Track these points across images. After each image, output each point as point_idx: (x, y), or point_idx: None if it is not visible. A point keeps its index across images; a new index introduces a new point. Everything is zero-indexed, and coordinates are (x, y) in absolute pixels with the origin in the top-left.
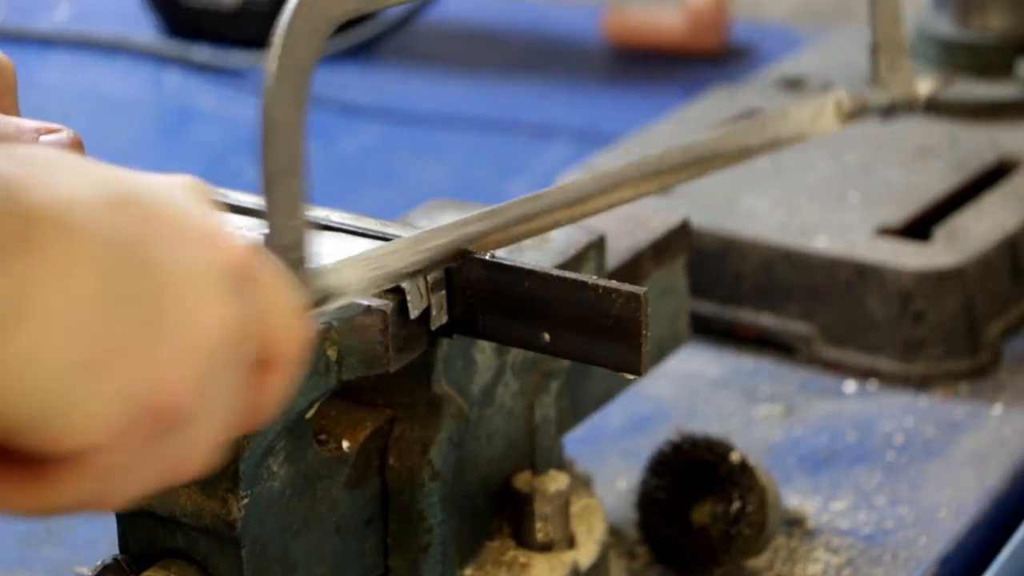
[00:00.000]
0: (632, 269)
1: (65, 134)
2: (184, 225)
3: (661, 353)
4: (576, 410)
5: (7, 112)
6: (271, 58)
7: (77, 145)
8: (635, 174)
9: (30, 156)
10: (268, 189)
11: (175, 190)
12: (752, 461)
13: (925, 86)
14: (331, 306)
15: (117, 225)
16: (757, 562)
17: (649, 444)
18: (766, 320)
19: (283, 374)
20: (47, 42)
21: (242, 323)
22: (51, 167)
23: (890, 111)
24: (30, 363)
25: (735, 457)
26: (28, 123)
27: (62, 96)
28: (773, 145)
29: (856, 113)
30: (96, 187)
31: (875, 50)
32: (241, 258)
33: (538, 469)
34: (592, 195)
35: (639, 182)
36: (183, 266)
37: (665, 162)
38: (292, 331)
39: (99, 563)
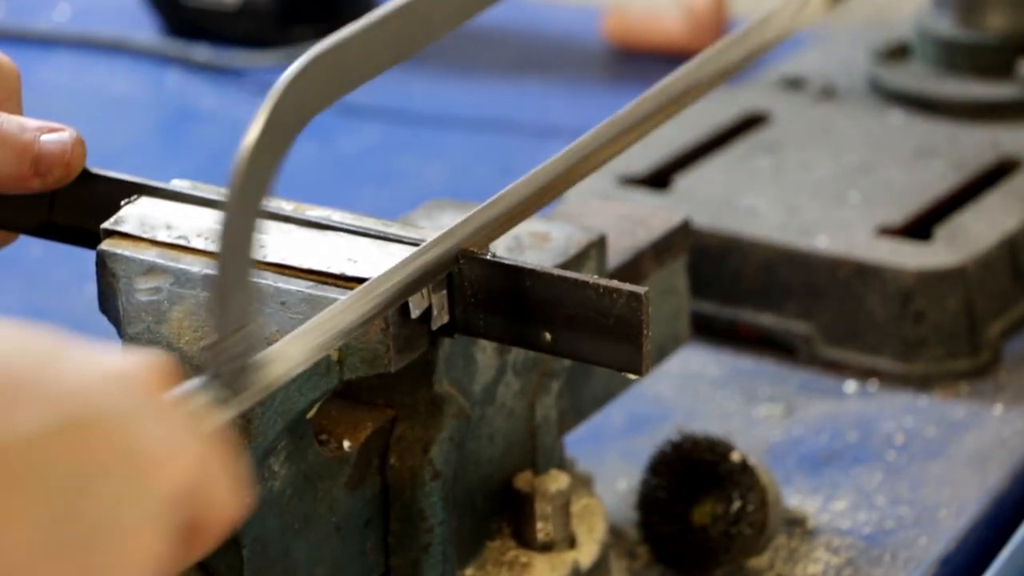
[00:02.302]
0: (633, 269)
1: (68, 133)
2: (131, 451)
3: (662, 353)
4: (577, 410)
5: (11, 113)
6: (237, 165)
7: (80, 143)
8: (620, 125)
9: None
10: (218, 301)
11: (130, 394)
12: (753, 461)
13: None
14: (279, 384)
15: (61, 464)
16: (758, 562)
17: (649, 444)
18: (766, 320)
19: (210, 540)
20: (47, 42)
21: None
22: (4, 395)
23: None
24: None
25: (736, 457)
26: (31, 122)
27: (62, 96)
28: (761, 50)
29: None
30: (46, 417)
31: None
32: (187, 471)
33: (539, 469)
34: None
35: (627, 132)
36: (122, 501)
37: (647, 105)
38: (227, 509)
39: None
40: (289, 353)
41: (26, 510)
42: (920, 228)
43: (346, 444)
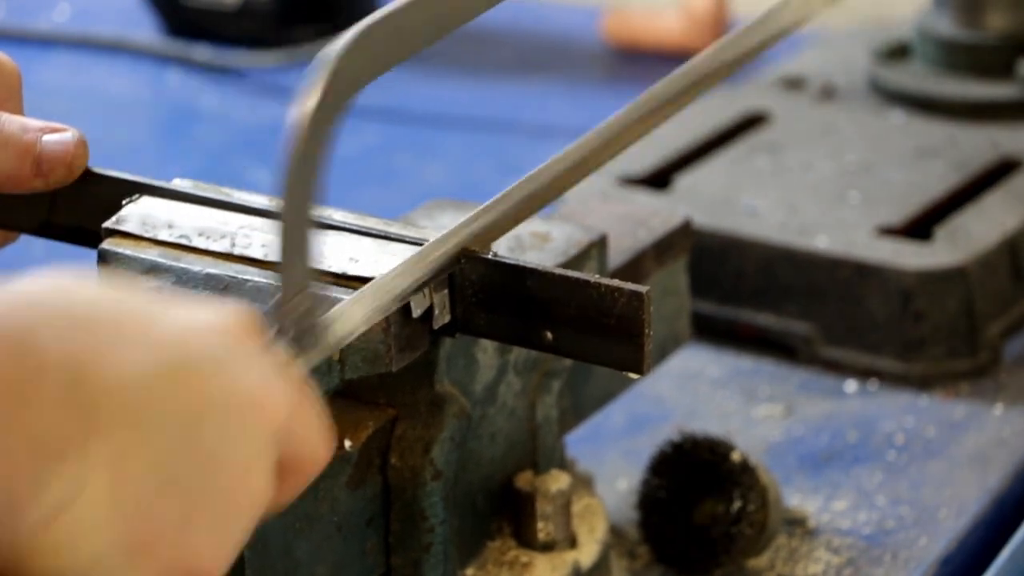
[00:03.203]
0: (634, 269)
1: (70, 134)
2: (234, 392)
3: (662, 353)
4: (578, 409)
5: (12, 114)
6: (295, 133)
7: (82, 143)
8: (621, 125)
9: (91, 321)
10: (286, 263)
11: (225, 342)
12: (753, 461)
13: None
14: (342, 343)
15: (172, 401)
16: (758, 562)
17: (650, 444)
18: (766, 320)
19: (303, 480)
20: (47, 42)
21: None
22: (112, 338)
23: None
24: (77, 543)
25: (736, 457)
26: (33, 123)
27: (62, 96)
28: (763, 47)
29: None
30: (153, 359)
31: None
32: (284, 412)
33: (540, 468)
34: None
35: (628, 131)
36: (231, 438)
37: (647, 104)
38: (320, 449)
39: None
40: (351, 314)
41: (142, 445)
42: (920, 228)
43: (347, 443)
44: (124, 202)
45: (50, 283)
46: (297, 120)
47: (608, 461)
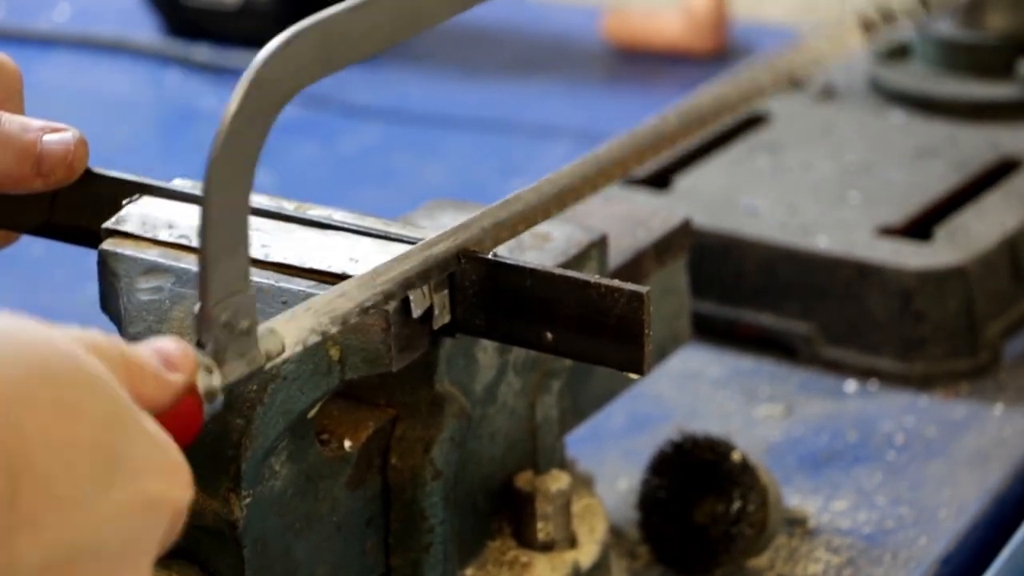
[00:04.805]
0: (633, 269)
1: (70, 133)
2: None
3: (662, 353)
4: (578, 409)
5: (12, 113)
6: (218, 137)
7: (82, 144)
8: (636, 141)
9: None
10: (207, 268)
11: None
12: (753, 461)
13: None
14: (273, 363)
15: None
16: (758, 562)
17: (650, 444)
18: (766, 320)
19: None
20: (47, 42)
21: None
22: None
23: (923, 6)
24: None
25: (736, 457)
26: (34, 122)
27: (62, 96)
28: (788, 80)
29: (884, 22)
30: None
31: None
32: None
33: (540, 468)
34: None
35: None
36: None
37: (664, 124)
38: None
39: None
40: (282, 331)
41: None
42: (920, 228)
43: (347, 444)
44: (124, 202)
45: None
46: (220, 128)
47: (608, 461)
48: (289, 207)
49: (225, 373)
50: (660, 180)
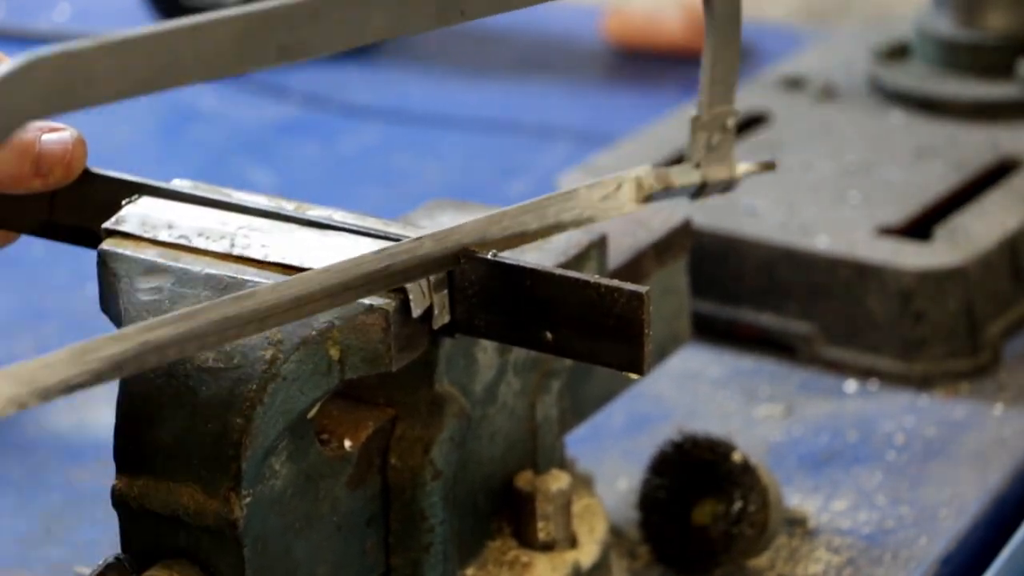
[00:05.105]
0: (633, 269)
1: (69, 133)
2: None
3: (662, 353)
4: (578, 409)
5: None
6: None
7: (80, 143)
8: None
9: None
10: None
11: None
12: (754, 461)
13: (743, 168)
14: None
15: None
16: (758, 562)
17: (650, 444)
18: (766, 320)
19: None
20: (47, 42)
21: None
22: None
23: (700, 192)
24: None
25: (737, 457)
26: (33, 122)
27: None
28: (555, 229)
29: (658, 193)
30: None
31: (695, 125)
32: None
33: (540, 468)
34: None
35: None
36: None
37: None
38: None
39: (101, 562)
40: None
41: None
42: (920, 228)
43: (347, 443)
44: (124, 202)
45: None
46: None
47: (608, 461)
48: (289, 207)
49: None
50: None
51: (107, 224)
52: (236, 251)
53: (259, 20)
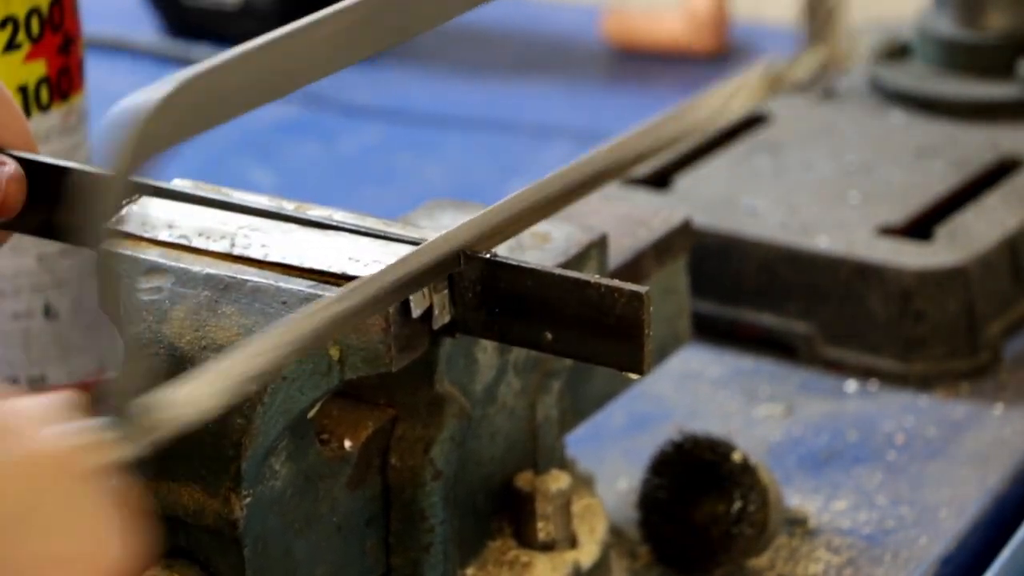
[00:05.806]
0: (634, 269)
1: (6, 169)
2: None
3: (663, 353)
4: (578, 409)
5: (4, 121)
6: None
7: (15, 181)
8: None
9: None
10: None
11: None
12: (754, 461)
13: (855, 43)
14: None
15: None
16: (758, 562)
17: (650, 444)
18: (767, 320)
19: None
20: None
21: None
22: None
23: (821, 75)
24: None
25: (737, 456)
26: None
27: None
28: (694, 129)
29: (784, 79)
30: None
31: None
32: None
33: (540, 468)
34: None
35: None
36: None
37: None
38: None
39: None
40: (192, 395)
41: None
42: (920, 228)
43: (347, 444)
44: (124, 202)
45: None
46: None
47: (608, 461)
48: (289, 207)
49: (131, 446)
50: (660, 180)
51: (107, 224)
52: (236, 251)
53: (365, 7)
